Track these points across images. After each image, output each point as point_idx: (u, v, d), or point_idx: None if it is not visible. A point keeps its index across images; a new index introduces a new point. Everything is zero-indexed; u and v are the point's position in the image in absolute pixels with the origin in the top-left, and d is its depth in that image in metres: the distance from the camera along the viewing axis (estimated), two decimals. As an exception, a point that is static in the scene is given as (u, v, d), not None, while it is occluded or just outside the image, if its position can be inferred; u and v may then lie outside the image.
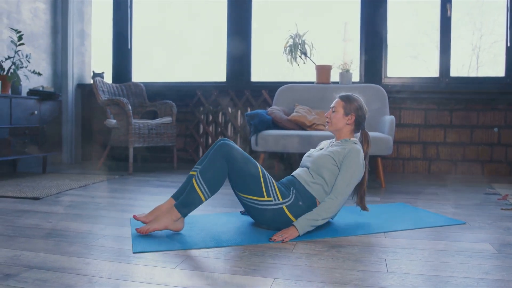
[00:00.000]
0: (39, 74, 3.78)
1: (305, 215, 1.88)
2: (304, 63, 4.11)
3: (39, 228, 1.98)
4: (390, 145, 3.14)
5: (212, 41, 4.81)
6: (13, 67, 3.50)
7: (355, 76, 4.23)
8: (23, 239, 1.81)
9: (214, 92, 4.44)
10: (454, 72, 4.20)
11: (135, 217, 1.97)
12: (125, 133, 3.84)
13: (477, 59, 4.41)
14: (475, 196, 2.91)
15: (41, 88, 3.77)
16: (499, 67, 4.10)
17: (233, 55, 4.52)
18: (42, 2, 4.32)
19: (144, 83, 4.58)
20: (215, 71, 4.71)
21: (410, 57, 4.59)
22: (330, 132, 2.51)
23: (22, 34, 3.56)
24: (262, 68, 4.68)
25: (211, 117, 4.49)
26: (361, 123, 2.12)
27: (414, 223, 2.14)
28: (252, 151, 4.38)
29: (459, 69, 4.34)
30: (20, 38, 3.51)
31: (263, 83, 4.47)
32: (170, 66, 4.95)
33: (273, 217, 1.92)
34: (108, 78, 4.77)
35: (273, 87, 4.22)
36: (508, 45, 4.00)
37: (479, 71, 4.38)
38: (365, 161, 2.08)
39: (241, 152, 1.92)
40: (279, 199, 1.91)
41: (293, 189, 1.97)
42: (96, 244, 1.75)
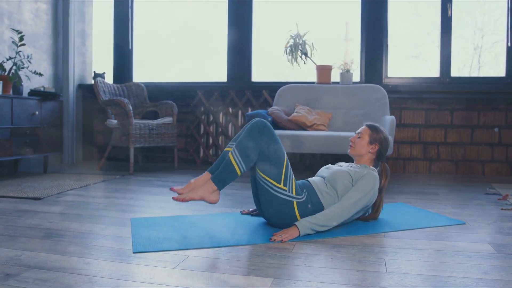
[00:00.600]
0: (40, 75, 3.79)
1: (308, 218, 1.91)
2: (305, 63, 4.12)
3: (40, 228, 1.99)
4: (391, 145, 3.14)
5: (213, 41, 4.81)
6: (14, 68, 3.51)
7: (356, 76, 4.23)
8: (24, 239, 1.81)
9: (215, 92, 4.45)
10: (456, 72, 4.20)
11: (172, 189, 1.98)
12: (126, 133, 3.85)
13: (479, 59, 4.41)
14: (476, 196, 2.91)
15: (42, 89, 3.78)
16: (501, 67, 4.10)
17: (234, 55, 4.53)
18: (43, 3, 4.33)
19: (145, 83, 4.59)
20: (216, 71, 4.71)
21: (411, 57, 4.59)
22: (331, 133, 2.53)
23: (23, 35, 3.57)
24: (263, 68, 4.69)
25: (212, 117, 4.50)
26: (383, 155, 2.19)
27: (414, 223, 2.14)
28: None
29: (461, 69, 4.34)
30: (21, 39, 3.52)
31: (264, 83, 4.48)
32: (171, 66, 4.96)
33: (280, 208, 1.93)
34: (109, 78, 4.78)
35: (274, 87, 4.23)
36: (509, 45, 4.00)
37: (481, 71, 4.38)
38: (381, 194, 2.14)
39: (275, 134, 1.97)
40: (293, 193, 1.94)
41: (306, 192, 2.00)
42: (97, 244, 1.76)
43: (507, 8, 4.02)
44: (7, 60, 3.61)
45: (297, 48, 4.02)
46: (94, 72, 4.58)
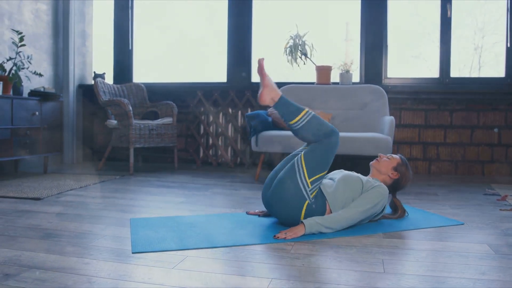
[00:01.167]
0: (40, 75, 3.79)
1: (315, 217, 1.93)
2: (305, 64, 4.12)
3: (40, 228, 2.00)
4: (390, 146, 3.14)
5: (213, 41, 4.82)
6: (15, 68, 3.52)
7: (356, 77, 4.23)
8: (24, 239, 1.82)
9: (215, 93, 4.46)
10: (456, 72, 4.20)
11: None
12: (126, 134, 3.85)
13: (479, 59, 4.41)
14: (475, 197, 2.92)
15: (42, 89, 3.78)
16: (501, 67, 4.10)
17: (234, 56, 4.53)
18: (43, 3, 4.34)
19: (145, 84, 4.59)
20: (216, 72, 4.72)
21: (411, 57, 4.59)
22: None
23: (24, 35, 3.58)
24: (263, 69, 4.68)
25: (212, 118, 4.51)
26: (397, 188, 2.26)
27: (413, 224, 2.15)
28: (252, 152, 4.39)
29: (461, 69, 4.34)
30: (22, 39, 3.53)
31: (264, 84, 4.47)
32: (171, 67, 4.96)
33: (292, 198, 1.95)
34: (109, 79, 4.78)
35: (274, 88, 4.22)
36: (508, 46, 4.00)
37: (481, 71, 4.38)
38: (391, 217, 2.22)
39: (335, 152, 2.03)
40: (311, 195, 1.96)
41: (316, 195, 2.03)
42: (96, 244, 1.76)
43: (507, 9, 4.02)
44: (7, 61, 3.62)
45: (297, 49, 4.03)
46: (94, 73, 4.59)
